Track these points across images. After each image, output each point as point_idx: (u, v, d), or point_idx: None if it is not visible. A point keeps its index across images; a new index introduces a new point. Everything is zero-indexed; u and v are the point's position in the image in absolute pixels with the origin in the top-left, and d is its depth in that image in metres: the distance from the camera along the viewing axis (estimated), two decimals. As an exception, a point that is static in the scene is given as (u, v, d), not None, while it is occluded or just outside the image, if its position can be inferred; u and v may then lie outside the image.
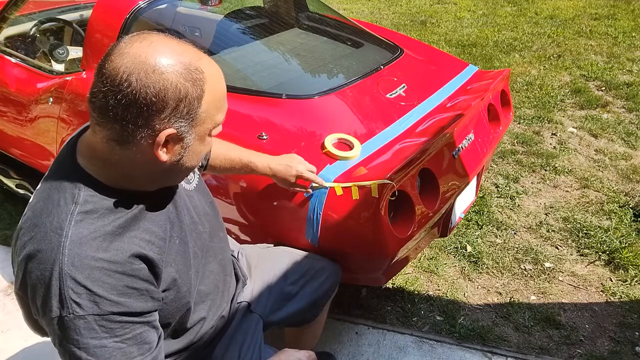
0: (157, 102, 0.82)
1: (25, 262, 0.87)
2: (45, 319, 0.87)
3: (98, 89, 0.83)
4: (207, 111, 0.88)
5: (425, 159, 1.67)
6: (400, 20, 6.15)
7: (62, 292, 0.84)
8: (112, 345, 0.87)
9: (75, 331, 0.85)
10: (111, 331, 0.87)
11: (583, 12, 6.22)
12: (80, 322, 0.85)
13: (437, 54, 2.59)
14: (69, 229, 0.86)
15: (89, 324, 0.85)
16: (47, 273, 0.85)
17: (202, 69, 0.86)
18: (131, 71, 0.80)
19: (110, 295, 0.86)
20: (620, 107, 3.91)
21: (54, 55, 2.54)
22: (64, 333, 0.85)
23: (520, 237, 2.59)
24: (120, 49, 0.83)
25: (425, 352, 1.98)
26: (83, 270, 0.85)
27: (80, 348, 0.86)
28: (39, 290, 0.86)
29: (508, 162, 3.23)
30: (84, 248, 0.86)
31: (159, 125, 0.84)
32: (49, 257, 0.85)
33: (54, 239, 0.85)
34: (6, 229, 2.58)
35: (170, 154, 0.89)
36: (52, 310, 0.85)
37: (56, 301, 0.84)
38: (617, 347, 2.02)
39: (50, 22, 2.74)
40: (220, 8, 2.63)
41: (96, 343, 0.86)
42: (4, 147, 2.61)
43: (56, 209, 0.88)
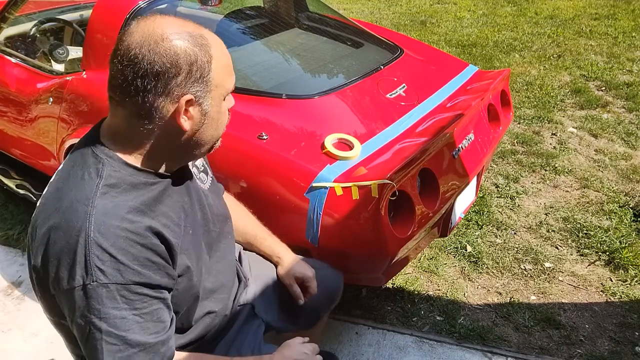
0: (171, 67, 0.88)
1: (49, 233, 0.88)
2: (66, 291, 0.87)
3: (116, 69, 0.91)
4: (218, 76, 0.93)
5: (425, 159, 1.67)
6: (400, 20, 6.15)
7: (88, 260, 0.85)
8: (131, 317, 0.89)
9: (98, 300, 0.86)
10: (131, 303, 0.89)
11: (583, 12, 6.22)
12: (103, 290, 0.86)
13: (437, 54, 2.59)
14: (94, 199, 0.88)
15: (111, 293, 0.86)
16: (72, 241, 0.86)
17: (206, 36, 0.93)
18: (142, 44, 0.87)
19: (132, 264, 0.88)
20: (620, 107, 3.91)
21: (54, 55, 2.54)
22: (85, 302, 0.86)
23: (520, 237, 2.59)
24: (128, 30, 0.90)
25: (425, 352, 1.98)
26: (109, 237, 0.87)
27: (101, 318, 0.87)
28: (63, 260, 0.87)
29: (508, 162, 3.23)
30: (110, 218, 0.88)
31: (176, 92, 0.89)
32: (74, 226, 0.87)
33: (80, 209, 0.88)
34: (8, 229, 2.58)
35: (191, 122, 0.93)
36: (75, 278, 0.86)
37: (81, 268, 0.85)
38: (617, 347, 2.02)
39: (50, 22, 2.74)
40: (220, 8, 2.63)
41: (117, 314, 0.87)
42: (4, 147, 2.61)
43: (80, 183, 0.91)
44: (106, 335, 0.87)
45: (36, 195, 2.48)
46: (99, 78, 1.98)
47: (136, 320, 0.89)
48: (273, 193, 1.58)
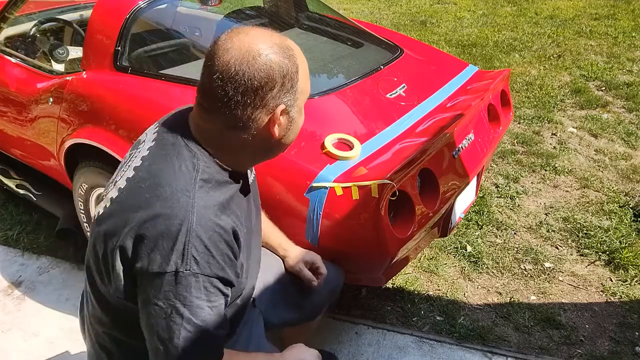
0: (269, 81, 0.94)
1: (149, 217, 0.92)
2: (156, 274, 0.91)
3: (216, 85, 0.94)
4: (303, 83, 1.00)
5: (425, 159, 1.67)
6: (400, 20, 6.15)
7: (186, 248, 0.90)
8: (206, 309, 0.94)
9: (186, 288, 0.91)
10: (209, 295, 0.94)
11: (583, 12, 6.22)
12: (192, 279, 0.91)
13: (437, 54, 2.59)
14: (194, 192, 0.94)
15: (198, 283, 0.92)
16: (174, 229, 0.91)
17: (291, 47, 0.98)
18: (241, 61, 0.92)
19: (219, 259, 0.94)
20: (620, 107, 3.91)
21: (54, 55, 2.54)
22: (174, 288, 0.90)
23: (520, 237, 2.59)
24: (222, 46, 0.94)
25: (425, 352, 1.98)
26: (207, 231, 0.92)
27: (185, 305, 0.91)
28: (160, 244, 0.91)
29: (508, 162, 3.23)
30: (207, 212, 0.94)
31: (272, 103, 0.96)
32: (177, 214, 0.91)
33: (183, 199, 0.93)
34: (7, 229, 2.58)
35: (279, 129, 0.99)
36: (169, 264, 0.90)
37: (177, 255, 0.90)
38: (617, 347, 2.02)
39: (50, 22, 2.74)
40: (220, 8, 2.63)
41: (198, 303, 0.92)
42: (4, 147, 2.61)
43: (179, 173, 0.96)
44: (186, 322, 0.91)
45: (36, 195, 2.48)
46: (99, 78, 1.98)
47: (209, 312, 0.94)
48: (273, 193, 1.58)
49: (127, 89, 1.90)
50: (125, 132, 1.86)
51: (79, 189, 2.13)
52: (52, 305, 2.15)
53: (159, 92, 1.86)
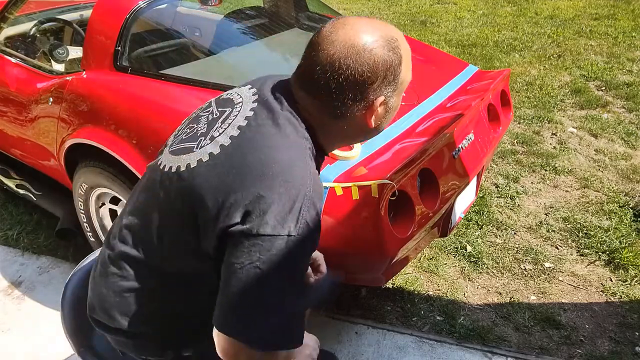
0: (372, 76, 0.93)
1: (267, 177, 0.90)
2: (267, 237, 0.88)
3: (318, 77, 0.94)
4: (404, 73, 1.00)
5: (425, 159, 1.67)
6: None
7: (301, 213, 0.89)
8: (304, 275, 0.96)
9: (298, 251, 0.90)
10: (307, 262, 0.95)
11: (583, 12, 6.22)
12: (302, 244, 0.90)
13: (437, 54, 2.59)
14: (307, 160, 0.95)
15: (305, 249, 0.92)
16: (293, 193, 0.89)
17: (396, 37, 0.98)
18: (346, 55, 0.92)
19: (319, 224, 0.94)
20: (620, 107, 3.91)
21: (54, 55, 2.54)
22: (284, 251, 0.88)
23: (520, 237, 2.59)
24: (327, 38, 0.93)
25: (425, 352, 1.98)
26: (319, 199, 0.94)
27: (289, 269, 0.89)
28: (276, 207, 0.88)
29: (508, 162, 3.23)
30: (318, 182, 0.96)
31: (372, 96, 0.95)
32: (296, 179, 0.91)
33: (300, 165, 0.93)
34: (7, 229, 2.58)
35: (376, 119, 1.00)
36: (284, 227, 0.88)
37: (293, 220, 0.88)
38: (617, 347, 2.02)
39: (50, 22, 2.74)
40: (220, 8, 2.63)
41: (302, 267, 0.93)
42: (4, 147, 2.61)
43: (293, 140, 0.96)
44: (289, 285, 0.90)
45: (36, 195, 2.48)
46: (99, 78, 1.98)
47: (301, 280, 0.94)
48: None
49: (127, 89, 1.90)
50: (125, 132, 1.85)
51: (79, 189, 2.13)
52: (52, 305, 2.15)
53: (159, 92, 1.86)
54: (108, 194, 2.10)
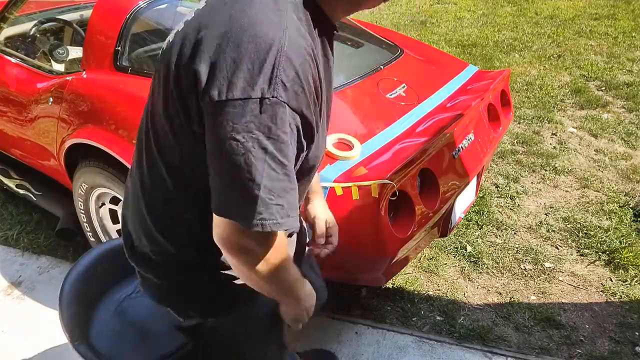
0: None
1: (234, 32, 0.79)
2: (237, 101, 0.77)
3: None
4: None
5: (425, 159, 1.67)
6: (400, 20, 6.15)
7: (275, 72, 0.77)
8: (292, 148, 0.81)
9: (272, 118, 0.78)
10: (293, 136, 0.81)
11: (583, 12, 6.22)
12: (280, 109, 0.78)
13: (437, 54, 2.59)
14: (286, 12, 0.82)
15: (285, 116, 0.78)
16: (262, 48, 0.77)
17: None
18: None
19: (307, 94, 0.81)
20: (620, 107, 3.91)
21: (54, 55, 2.54)
22: (257, 117, 0.77)
23: (520, 237, 2.59)
24: None
25: (425, 352, 1.98)
26: (299, 56, 0.80)
27: (269, 137, 0.78)
28: (244, 66, 0.77)
29: (508, 162, 3.23)
30: (300, 38, 0.81)
31: None
32: (268, 32, 0.79)
33: (274, 17, 0.80)
34: (7, 229, 2.58)
35: None
36: (254, 88, 0.77)
37: (264, 80, 0.77)
38: (617, 347, 2.02)
39: (50, 22, 2.74)
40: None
41: (285, 139, 0.79)
42: (4, 147, 2.61)
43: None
44: (270, 157, 0.78)
45: (36, 195, 2.48)
46: (99, 78, 1.98)
47: (294, 154, 0.82)
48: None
49: (127, 89, 1.90)
50: (125, 132, 1.86)
51: (79, 189, 2.13)
52: (52, 305, 2.15)
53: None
54: (108, 194, 2.10)
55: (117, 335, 1.38)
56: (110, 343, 1.35)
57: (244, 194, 0.79)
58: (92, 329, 1.38)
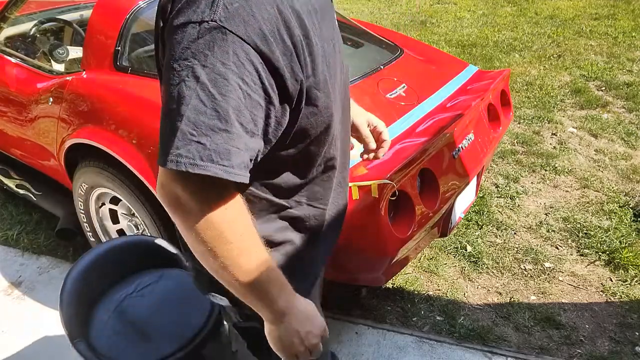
0: None
1: None
2: (178, 26, 0.72)
3: None
4: None
5: (425, 159, 1.67)
6: (400, 20, 6.15)
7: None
8: (234, 84, 0.70)
9: (208, 44, 0.70)
10: (240, 68, 0.71)
11: (583, 12, 6.22)
12: (219, 34, 0.69)
13: (437, 54, 2.59)
14: None
15: (226, 43, 0.70)
16: None
17: None
18: None
19: (262, 25, 0.72)
20: (620, 107, 3.91)
21: (54, 55, 2.54)
22: (194, 44, 0.70)
23: (520, 237, 2.59)
24: None
25: (425, 352, 1.98)
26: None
27: (204, 66, 0.70)
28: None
29: (508, 162, 3.23)
30: None
31: None
32: None
33: None
34: (7, 229, 2.58)
35: None
36: (195, 11, 0.70)
37: (206, 3, 0.70)
38: (617, 347, 2.02)
39: (50, 22, 2.74)
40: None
41: (222, 70, 0.70)
42: (4, 147, 2.61)
43: None
44: (201, 88, 0.70)
45: (36, 195, 2.48)
46: (99, 78, 1.98)
47: (237, 94, 0.71)
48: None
49: (127, 89, 1.90)
50: (125, 132, 1.85)
51: (79, 189, 2.13)
52: (52, 305, 2.15)
53: (159, 92, 1.86)
54: (108, 194, 2.10)
55: (117, 334, 1.38)
56: (110, 342, 1.35)
57: (167, 126, 0.71)
58: (91, 328, 1.38)
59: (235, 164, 0.72)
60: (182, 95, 0.70)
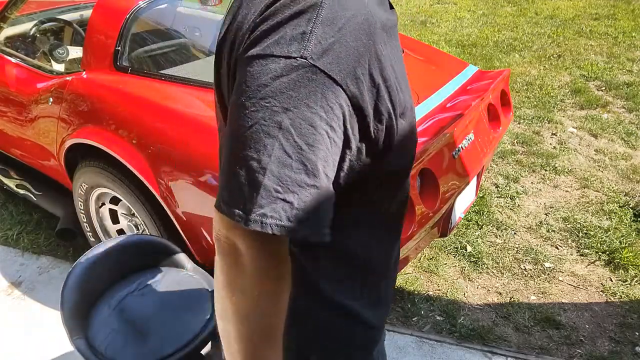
0: None
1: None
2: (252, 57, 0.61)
3: None
4: None
5: (425, 159, 1.67)
6: (400, 20, 6.15)
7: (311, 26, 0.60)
8: (323, 132, 0.60)
9: (294, 85, 0.59)
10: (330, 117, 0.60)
11: (583, 12, 6.22)
12: (307, 75, 0.59)
13: (437, 54, 2.59)
14: None
15: (315, 86, 0.59)
16: None
17: None
18: None
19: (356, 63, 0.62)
20: (620, 107, 3.91)
21: (54, 55, 2.54)
22: (273, 82, 0.59)
23: (520, 237, 2.59)
24: None
25: (425, 352, 1.98)
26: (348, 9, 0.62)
27: (287, 110, 0.59)
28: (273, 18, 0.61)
29: (508, 162, 3.23)
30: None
31: None
32: None
33: None
34: (7, 229, 2.58)
35: None
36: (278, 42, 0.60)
37: (296, 36, 0.59)
38: (617, 347, 2.02)
39: (50, 22, 2.74)
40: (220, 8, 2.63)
41: (309, 116, 0.59)
42: (4, 147, 2.61)
43: None
44: (285, 137, 0.58)
45: (36, 195, 2.48)
46: (99, 78, 1.98)
47: (325, 144, 0.60)
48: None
49: (127, 89, 1.90)
50: (125, 132, 1.85)
51: (79, 189, 2.13)
52: (52, 305, 2.15)
53: (159, 92, 1.86)
54: (108, 194, 2.10)
55: (117, 333, 1.38)
56: (109, 341, 1.35)
57: (244, 177, 0.60)
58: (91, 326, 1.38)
59: (326, 223, 0.62)
60: (261, 142, 0.59)
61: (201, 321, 1.41)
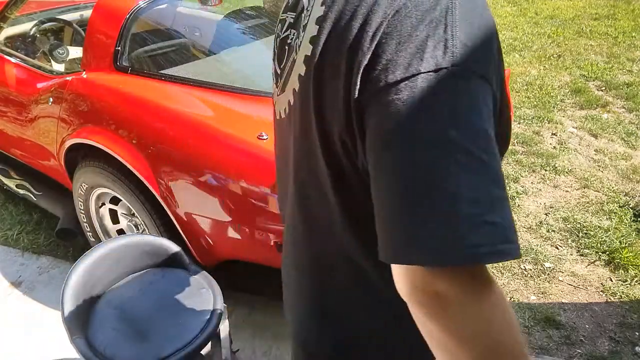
0: None
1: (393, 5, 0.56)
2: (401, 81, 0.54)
3: None
4: None
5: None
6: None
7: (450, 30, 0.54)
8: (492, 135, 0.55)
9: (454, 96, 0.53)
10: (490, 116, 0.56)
11: (583, 12, 6.22)
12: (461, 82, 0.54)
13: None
14: None
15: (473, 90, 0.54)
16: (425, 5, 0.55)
17: None
18: None
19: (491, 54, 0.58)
20: (620, 107, 3.91)
21: (54, 55, 2.54)
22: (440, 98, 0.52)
23: (520, 237, 2.59)
24: None
25: (425, 352, 1.97)
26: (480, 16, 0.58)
27: (457, 126, 0.52)
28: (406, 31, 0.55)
29: (508, 162, 3.23)
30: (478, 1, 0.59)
31: None
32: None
33: None
34: (7, 229, 2.58)
35: None
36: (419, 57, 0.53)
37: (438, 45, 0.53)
38: (617, 347, 2.02)
39: (50, 22, 2.75)
40: (220, 8, 2.63)
41: (478, 123, 0.53)
42: (4, 147, 2.61)
43: None
44: (464, 154, 0.51)
45: (36, 195, 2.48)
46: (99, 78, 1.98)
47: (496, 146, 0.55)
48: (270, 192, 1.58)
49: (127, 89, 1.90)
50: (125, 132, 1.85)
51: (79, 189, 2.13)
52: (52, 305, 2.15)
53: (159, 92, 1.86)
54: (108, 194, 2.10)
55: (117, 332, 1.38)
56: (109, 340, 1.35)
57: (433, 216, 0.51)
58: (92, 325, 1.38)
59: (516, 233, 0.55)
60: (438, 168, 0.51)
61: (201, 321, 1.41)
